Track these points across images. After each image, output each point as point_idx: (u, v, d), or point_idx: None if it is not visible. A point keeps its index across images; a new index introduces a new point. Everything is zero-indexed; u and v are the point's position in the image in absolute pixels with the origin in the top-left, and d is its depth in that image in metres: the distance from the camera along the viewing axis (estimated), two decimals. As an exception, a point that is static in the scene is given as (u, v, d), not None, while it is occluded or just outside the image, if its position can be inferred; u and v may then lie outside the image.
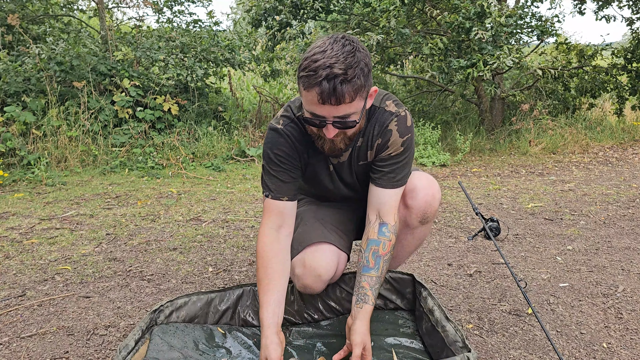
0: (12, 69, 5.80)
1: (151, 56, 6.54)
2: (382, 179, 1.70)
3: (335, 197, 1.93)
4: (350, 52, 1.41)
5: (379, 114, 1.67)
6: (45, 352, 1.86)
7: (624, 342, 1.90)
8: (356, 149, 1.72)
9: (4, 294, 2.37)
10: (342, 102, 1.41)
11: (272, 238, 1.68)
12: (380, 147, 1.69)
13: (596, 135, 7.06)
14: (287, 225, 1.71)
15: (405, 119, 1.67)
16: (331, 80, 1.37)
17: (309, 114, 1.48)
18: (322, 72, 1.38)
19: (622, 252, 2.88)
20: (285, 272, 1.66)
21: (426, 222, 1.82)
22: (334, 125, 1.47)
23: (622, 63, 7.43)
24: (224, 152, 6.10)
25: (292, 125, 1.68)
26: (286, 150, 1.67)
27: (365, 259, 1.67)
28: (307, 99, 1.45)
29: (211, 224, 3.52)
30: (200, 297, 1.81)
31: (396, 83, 8.87)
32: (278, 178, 1.69)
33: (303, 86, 1.43)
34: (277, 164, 1.68)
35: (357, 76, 1.40)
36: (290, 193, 1.70)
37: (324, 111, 1.44)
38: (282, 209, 1.69)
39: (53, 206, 4.01)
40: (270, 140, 1.69)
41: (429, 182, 1.79)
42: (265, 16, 6.97)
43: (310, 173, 1.79)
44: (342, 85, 1.38)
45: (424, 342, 1.74)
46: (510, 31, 5.73)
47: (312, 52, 1.43)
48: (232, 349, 1.71)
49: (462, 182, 2.82)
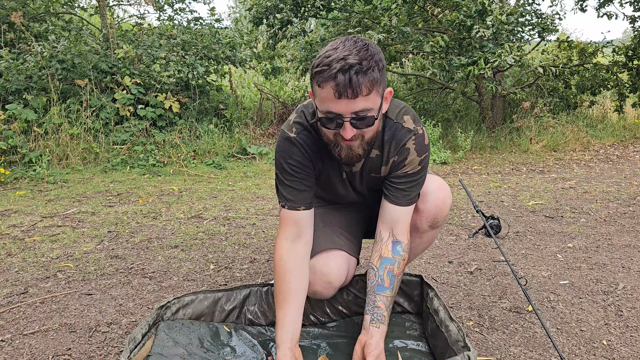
0: (13, 67, 5.81)
1: (152, 54, 6.55)
2: (396, 196, 1.66)
3: (345, 201, 1.91)
4: (363, 47, 1.39)
5: (396, 129, 1.62)
6: (47, 349, 1.87)
7: (624, 340, 1.90)
8: (369, 160, 1.67)
9: (6, 291, 2.38)
10: (359, 94, 1.36)
11: (289, 249, 1.65)
12: (396, 165, 1.65)
13: (597, 133, 7.06)
14: (305, 235, 1.68)
15: (423, 137, 1.63)
16: (346, 71, 1.34)
17: (325, 114, 1.42)
18: (336, 64, 1.34)
19: (623, 249, 2.88)
20: (303, 285, 1.63)
21: (436, 227, 1.78)
22: (352, 123, 1.42)
23: (623, 60, 7.42)
24: (225, 150, 6.11)
25: (305, 133, 1.63)
26: (299, 159, 1.63)
27: (380, 277, 1.63)
28: (322, 97, 1.40)
29: (212, 221, 3.53)
30: (207, 295, 1.82)
31: (397, 81, 8.86)
32: (293, 187, 1.65)
33: (317, 83, 1.39)
34: (291, 173, 1.65)
35: (373, 68, 1.37)
36: (307, 201, 1.67)
37: (341, 107, 1.38)
38: (298, 219, 1.66)
39: (55, 204, 4.02)
40: (283, 149, 1.64)
41: (441, 185, 1.75)
42: (267, 14, 6.97)
43: (325, 179, 1.76)
44: (358, 76, 1.34)
45: (429, 344, 1.73)
46: (511, 29, 5.73)
47: (325, 50, 1.41)
48: (237, 348, 1.71)
49: (462, 180, 2.83)
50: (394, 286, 1.64)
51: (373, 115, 1.42)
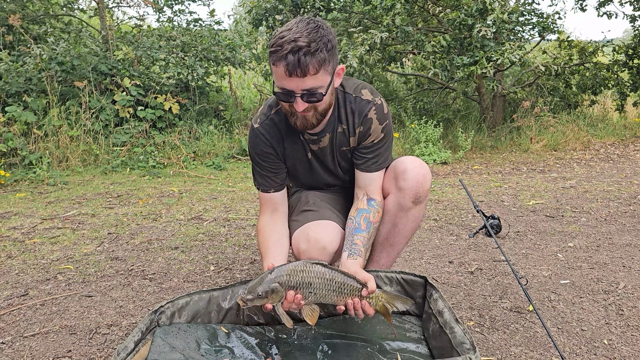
0: (13, 69, 5.80)
1: (152, 55, 6.55)
2: (366, 164, 1.86)
3: (318, 184, 2.04)
4: (314, 29, 1.54)
5: (356, 102, 1.80)
6: (48, 351, 1.87)
7: (624, 339, 1.90)
8: (337, 135, 1.84)
9: (6, 293, 2.38)
10: (307, 73, 1.52)
11: (268, 220, 1.90)
12: (362, 135, 1.83)
13: (597, 132, 7.05)
14: (280, 209, 1.92)
15: (382, 106, 1.81)
16: (296, 52, 1.49)
17: (279, 89, 1.60)
18: (287, 46, 1.50)
19: (623, 248, 2.88)
20: (283, 241, 1.84)
21: (419, 202, 1.88)
22: (302, 98, 1.59)
23: (624, 59, 7.41)
24: (225, 151, 6.11)
25: (268, 122, 1.84)
26: (263, 148, 1.85)
27: (357, 222, 1.80)
28: (276, 75, 1.57)
29: (212, 222, 3.53)
30: (202, 295, 1.79)
31: (397, 81, 8.86)
32: (262, 173, 1.89)
33: (272, 62, 1.56)
34: (258, 162, 1.88)
35: (321, 49, 1.52)
36: (276, 185, 1.91)
37: (292, 84, 1.56)
38: (271, 199, 1.91)
39: (55, 206, 4.02)
40: (251, 140, 1.88)
41: (419, 163, 1.87)
42: (266, 16, 6.97)
43: (290, 163, 1.92)
44: (306, 57, 1.50)
45: (429, 347, 1.72)
46: (511, 28, 5.73)
47: (280, 31, 1.56)
48: (235, 349, 1.70)
49: (463, 180, 2.83)
50: (370, 231, 1.80)
51: (322, 92, 1.59)
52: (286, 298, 1.53)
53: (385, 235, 1.96)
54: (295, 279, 1.54)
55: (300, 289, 1.55)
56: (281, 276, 1.54)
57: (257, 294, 1.52)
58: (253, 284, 1.54)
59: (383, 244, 1.98)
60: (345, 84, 1.84)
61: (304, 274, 1.56)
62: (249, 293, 1.52)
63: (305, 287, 1.55)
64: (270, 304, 1.54)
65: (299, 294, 1.54)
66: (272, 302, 1.54)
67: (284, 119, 1.82)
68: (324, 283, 1.57)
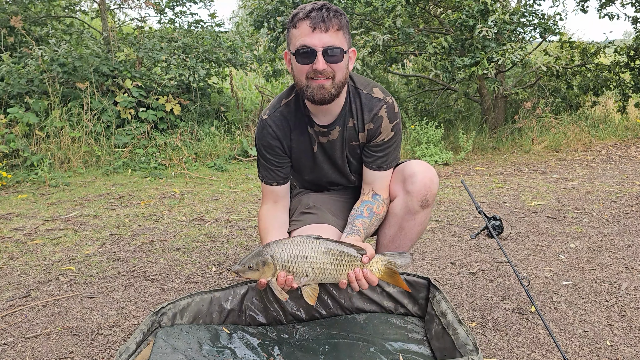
0: (15, 71, 5.82)
1: (153, 57, 6.56)
2: (375, 163, 1.89)
3: (321, 182, 2.05)
4: (332, 4, 1.66)
5: (367, 99, 1.84)
6: (50, 352, 1.87)
7: (627, 340, 1.90)
8: (347, 128, 1.86)
9: (8, 294, 2.38)
10: (330, 27, 1.61)
11: (269, 210, 1.94)
12: (372, 132, 1.86)
13: (599, 133, 7.04)
14: (281, 201, 1.96)
15: (393, 105, 1.85)
16: (320, 10, 1.61)
17: (301, 47, 1.63)
18: (310, 7, 1.62)
19: (626, 249, 2.87)
20: (284, 228, 1.88)
21: (427, 206, 1.88)
22: (324, 56, 1.62)
23: (625, 61, 7.40)
24: (227, 152, 6.11)
25: (276, 114, 1.87)
26: (270, 140, 1.88)
27: (360, 210, 1.84)
28: (297, 36, 1.64)
29: (214, 223, 3.53)
30: (204, 296, 1.79)
31: (398, 82, 8.86)
32: (267, 165, 1.92)
33: (293, 25, 1.64)
34: (263, 153, 1.91)
35: (342, 14, 1.65)
36: (279, 178, 1.94)
37: (314, 40, 1.61)
38: (273, 191, 1.95)
39: (57, 207, 4.02)
40: (258, 131, 1.91)
41: (427, 167, 1.89)
42: (268, 17, 6.98)
43: (295, 156, 1.94)
44: (330, 13, 1.61)
45: (431, 348, 1.72)
46: (512, 29, 5.73)
47: (299, 6, 1.68)
48: (237, 350, 1.69)
49: (464, 181, 2.82)
50: (372, 220, 1.83)
51: (342, 49, 1.64)
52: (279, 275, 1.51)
53: (391, 237, 1.96)
54: (290, 252, 1.50)
55: (296, 263, 1.51)
56: (274, 249, 1.52)
57: (247, 265, 1.51)
58: (246, 256, 1.54)
59: (388, 246, 1.98)
60: (357, 80, 1.87)
61: (299, 246, 1.52)
62: (240, 264, 1.52)
63: (301, 261, 1.51)
64: (264, 279, 1.52)
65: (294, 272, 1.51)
66: (265, 277, 1.51)
67: (293, 111, 1.86)
68: (320, 255, 1.51)
